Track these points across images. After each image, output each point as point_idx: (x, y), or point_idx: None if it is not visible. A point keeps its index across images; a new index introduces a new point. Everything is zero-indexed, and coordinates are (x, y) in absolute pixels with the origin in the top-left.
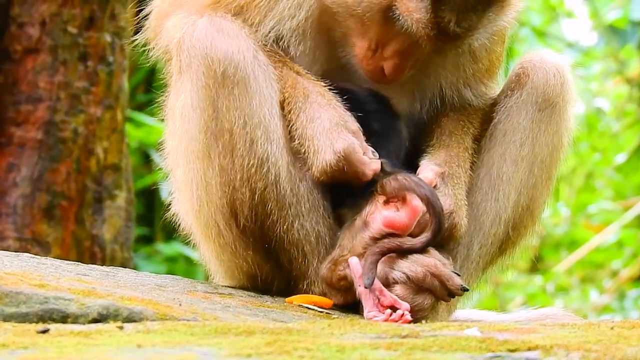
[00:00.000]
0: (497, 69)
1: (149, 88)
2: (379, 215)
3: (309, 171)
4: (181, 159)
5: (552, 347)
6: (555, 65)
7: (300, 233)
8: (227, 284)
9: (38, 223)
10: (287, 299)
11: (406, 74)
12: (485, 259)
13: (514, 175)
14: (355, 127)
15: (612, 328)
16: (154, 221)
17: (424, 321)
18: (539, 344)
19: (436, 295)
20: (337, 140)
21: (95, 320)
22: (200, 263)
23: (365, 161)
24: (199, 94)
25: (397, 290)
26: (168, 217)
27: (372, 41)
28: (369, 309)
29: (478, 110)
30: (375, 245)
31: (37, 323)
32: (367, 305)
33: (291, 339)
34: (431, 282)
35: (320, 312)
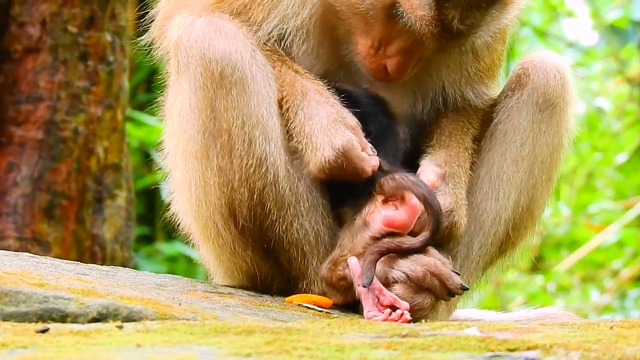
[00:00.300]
0: (498, 68)
1: (149, 87)
2: (379, 215)
3: (307, 168)
4: (179, 160)
5: (551, 347)
6: (555, 65)
7: (300, 233)
8: (227, 284)
9: (38, 222)
10: (286, 299)
11: (409, 73)
12: (485, 259)
13: (514, 175)
14: (354, 123)
15: (612, 327)
16: (155, 221)
17: (424, 320)
18: (539, 344)
19: (436, 294)
20: (336, 136)
21: (94, 320)
22: (201, 263)
23: (365, 157)
24: (197, 95)
25: (397, 289)
26: (168, 217)
27: (375, 39)
28: (368, 308)
29: (478, 110)
30: (375, 245)
31: (36, 322)
32: (366, 304)
33: (291, 339)
34: (431, 281)
35: (320, 311)
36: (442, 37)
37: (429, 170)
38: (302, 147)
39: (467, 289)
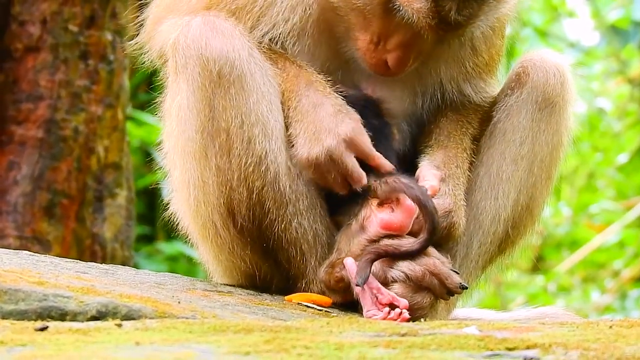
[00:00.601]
0: (496, 64)
1: (150, 87)
2: (375, 218)
3: (301, 156)
4: (178, 160)
5: (550, 346)
6: (555, 64)
7: (298, 232)
8: (226, 283)
9: (38, 221)
10: (286, 297)
11: (410, 67)
12: (485, 258)
13: (514, 174)
14: (357, 117)
15: (611, 327)
16: (155, 220)
17: (423, 319)
18: (538, 343)
19: (435, 293)
20: (342, 124)
21: (94, 318)
22: (201, 262)
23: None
24: (195, 95)
25: (396, 288)
26: (168, 217)
27: (374, 34)
28: (367, 307)
29: (477, 110)
30: (372, 246)
31: (35, 320)
32: (365, 304)
33: (290, 337)
34: (430, 280)
35: (320, 310)
36: (440, 29)
37: (430, 174)
38: (301, 133)
39: (467, 288)
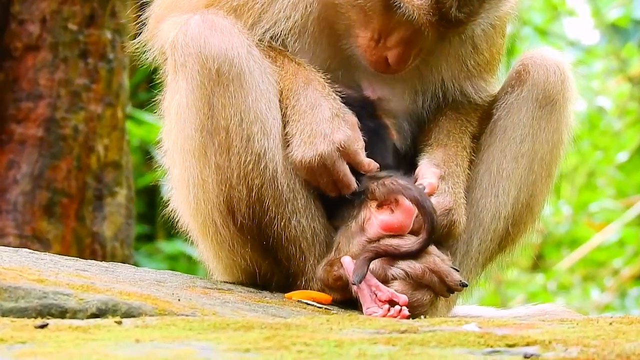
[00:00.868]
0: (497, 63)
1: (150, 86)
2: (376, 220)
3: (295, 157)
4: (177, 158)
5: (550, 342)
6: (555, 62)
7: (298, 229)
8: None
9: (38, 220)
10: (286, 295)
11: (410, 64)
12: (485, 255)
13: (514, 171)
14: (353, 120)
15: (611, 324)
16: (155, 219)
17: (423, 317)
18: (538, 339)
19: (435, 291)
20: (338, 131)
21: (93, 315)
22: (201, 261)
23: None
24: (194, 93)
25: (396, 286)
26: (168, 215)
27: (375, 31)
28: (367, 305)
29: (477, 109)
30: (371, 245)
31: (35, 318)
32: (365, 301)
33: (290, 334)
34: (430, 278)
35: (319, 307)
36: (440, 26)
37: (429, 172)
38: (297, 134)
39: (467, 285)
